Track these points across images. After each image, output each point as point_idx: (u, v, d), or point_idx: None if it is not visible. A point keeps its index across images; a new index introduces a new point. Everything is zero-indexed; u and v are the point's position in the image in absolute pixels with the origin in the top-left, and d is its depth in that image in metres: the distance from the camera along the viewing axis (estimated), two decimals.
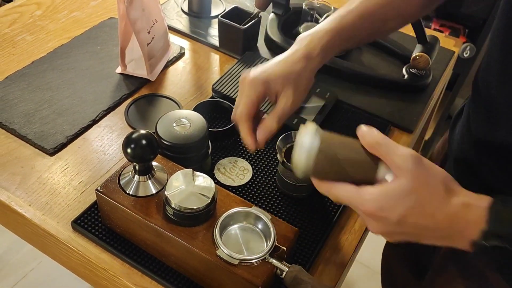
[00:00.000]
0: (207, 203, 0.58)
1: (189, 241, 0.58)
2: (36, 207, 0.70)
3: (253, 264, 0.56)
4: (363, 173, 0.50)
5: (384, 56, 1.04)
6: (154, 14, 0.91)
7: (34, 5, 1.09)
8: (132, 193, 0.62)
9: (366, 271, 1.62)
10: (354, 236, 0.71)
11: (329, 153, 0.50)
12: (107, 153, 0.79)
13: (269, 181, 0.76)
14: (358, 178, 0.50)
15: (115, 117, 0.85)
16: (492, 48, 0.58)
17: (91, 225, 0.68)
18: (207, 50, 1.03)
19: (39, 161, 0.77)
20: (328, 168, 0.50)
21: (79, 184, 0.74)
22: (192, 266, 0.60)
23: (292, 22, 1.06)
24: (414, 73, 0.97)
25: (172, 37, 1.03)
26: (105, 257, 0.65)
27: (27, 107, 0.84)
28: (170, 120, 0.72)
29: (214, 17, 1.10)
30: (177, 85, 0.93)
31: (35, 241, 0.73)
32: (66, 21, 1.06)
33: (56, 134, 0.80)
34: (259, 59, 0.95)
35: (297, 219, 0.71)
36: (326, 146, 0.50)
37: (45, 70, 0.92)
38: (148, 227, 0.60)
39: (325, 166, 0.50)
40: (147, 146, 0.59)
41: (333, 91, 0.90)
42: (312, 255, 0.67)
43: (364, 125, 0.51)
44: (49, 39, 1.00)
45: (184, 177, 0.61)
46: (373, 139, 0.49)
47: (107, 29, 1.04)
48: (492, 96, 0.58)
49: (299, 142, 0.50)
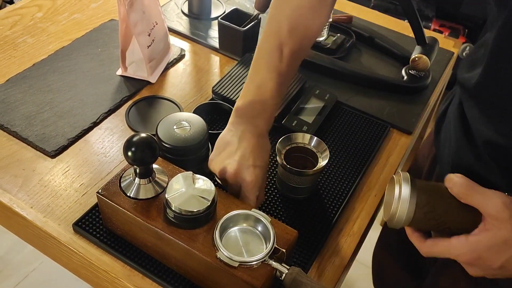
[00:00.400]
0: (207, 206, 0.59)
1: (189, 244, 0.58)
2: (37, 209, 0.71)
3: (253, 266, 0.56)
4: (459, 224, 0.52)
5: (383, 58, 1.04)
6: (155, 16, 0.91)
7: (35, 7, 1.09)
8: (133, 195, 0.62)
9: (366, 271, 1.62)
10: (353, 238, 0.72)
11: (427, 207, 0.51)
12: (108, 155, 0.80)
13: (268, 183, 0.77)
14: (455, 228, 0.52)
15: (116, 119, 0.86)
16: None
17: (92, 227, 0.68)
18: (207, 51, 1.03)
19: (40, 163, 0.77)
20: (426, 221, 0.52)
21: (80, 186, 0.74)
22: (192, 268, 0.61)
23: None
24: (413, 74, 0.97)
25: (172, 38, 1.04)
26: (106, 259, 0.66)
27: (28, 109, 0.85)
28: (170, 122, 0.72)
29: (214, 18, 1.11)
30: (177, 87, 0.94)
31: (36, 243, 0.74)
32: (67, 23, 1.06)
33: (57, 136, 0.81)
34: None
35: (296, 221, 0.72)
36: (425, 200, 0.52)
37: (46, 73, 0.93)
38: (148, 229, 0.61)
39: (423, 219, 0.52)
40: (148, 149, 0.59)
41: (332, 92, 0.90)
42: (311, 257, 0.67)
43: (453, 175, 0.52)
44: (50, 41, 1.01)
45: (184, 180, 0.61)
46: (464, 189, 0.51)
47: (107, 31, 1.04)
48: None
49: (399, 195, 0.51)
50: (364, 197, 0.78)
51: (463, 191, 0.51)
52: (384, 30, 1.12)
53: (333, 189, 0.77)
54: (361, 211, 0.76)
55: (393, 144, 0.87)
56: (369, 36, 1.06)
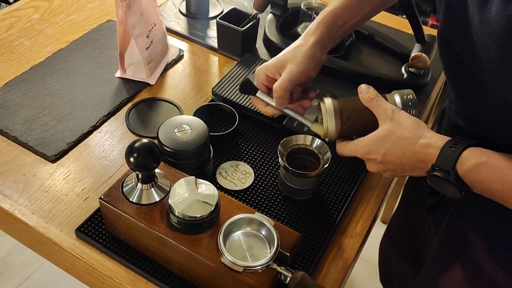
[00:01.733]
0: (210, 211, 0.58)
1: (193, 249, 0.58)
2: (39, 215, 0.71)
3: (258, 270, 0.57)
4: (372, 126, 0.61)
5: (383, 55, 1.04)
6: (153, 17, 0.91)
7: (32, 9, 1.08)
8: (135, 201, 0.62)
9: (368, 267, 1.63)
10: (356, 239, 0.72)
11: (349, 121, 0.63)
12: (108, 158, 0.79)
13: (271, 184, 0.76)
14: (370, 131, 0.61)
15: (116, 122, 0.85)
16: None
17: (95, 232, 0.68)
18: (206, 52, 1.03)
19: (41, 168, 0.77)
20: (350, 130, 0.63)
21: (82, 191, 0.74)
22: (196, 273, 0.61)
23: (290, 23, 1.06)
24: (413, 72, 0.97)
25: (170, 39, 1.03)
26: (110, 264, 0.65)
27: (28, 113, 0.84)
28: (171, 126, 0.72)
29: (212, 18, 1.10)
30: (176, 89, 0.93)
31: (39, 248, 0.74)
32: (64, 24, 1.05)
33: (57, 140, 0.80)
34: (258, 60, 0.95)
35: (299, 223, 0.72)
36: (346, 115, 0.63)
37: (44, 75, 0.92)
38: (152, 235, 0.61)
39: (347, 130, 0.63)
40: (150, 155, 0.59)
41: (332, 92, 0.90)
42: (315, 259, 0.67)
43: (363, 84, 0.64)
44: (48, 43, 1.00)
45: (187, 184, 0.61)
46: (368, 96, 0.62)
47: (105, 32, 1.04)
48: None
49: (328, 112, 0.63)
50: (366, 198, 0.78)
51: (365, 99, 0.62)
52: (383, 27, 1.11)
53: (335, 190, 0.77)
54: (364, 212, 0.76)
55: None
56: (369, 34, 1.06)
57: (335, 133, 0.63)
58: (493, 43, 0.50)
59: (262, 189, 0.76)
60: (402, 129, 0.59)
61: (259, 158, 0.80)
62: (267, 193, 0.75)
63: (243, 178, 0.76)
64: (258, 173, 0.78)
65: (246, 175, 0.77)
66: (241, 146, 0.82)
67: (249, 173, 0.77)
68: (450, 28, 0.60)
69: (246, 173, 0.77)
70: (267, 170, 0.79)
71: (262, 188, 0.76)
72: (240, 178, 0.76)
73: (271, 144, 0.83)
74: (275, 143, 0.83)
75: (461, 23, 0.56)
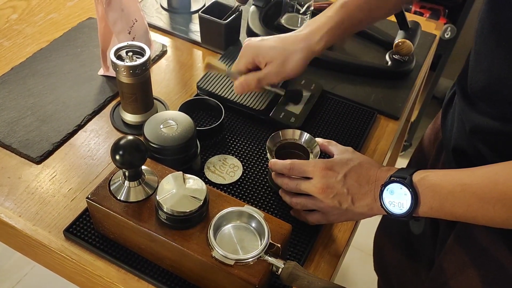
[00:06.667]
0: (199, 206, 0.58)
1: (183, 244, 0.58)
2: (26, 217, 0.70)
3: (249, 263, 0.56)
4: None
5: (367, 43, 1.04)
6: (134, 13, 0.89)
7: (10, 9, 1.06)
8: (123, 199, 0.61)
9: (360, 254, 1.64)
10: (346, 227, 0.72)
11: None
12: (95, 157, 0.78)
13: (260, 176, 0.76)
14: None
15: (101, 120, 0.84)
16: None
17: (83, 232, 0.67)
18: (189, 46, 1.02)
19: (26, 170, 0.76)
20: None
21: (69, 191, 0.73)
22: (188, 268, 0.61)
23: (273, 14, 1.06)
24: (397, 59, 0.97)
25: (153, 35, 1.02)
26: (100, 264, 0.65)
27: (10, 115, 0.83)
28: (157, 122, 0.71)
29: (195, 12, 1.09)
30: (161, 84, 0.92)
31: (28, 251, 0.73)
32: (43, 23, 1.04)
33: (41, 141, 0.79)
34: None
35: (289, 215, 0.72)
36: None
37: (25, 76, 0.90)
38: (141, 232, 0.60)
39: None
40: (136, 152, 0.58)
41: (318, 82, 0.90)
42: (306, 249, 0.68)
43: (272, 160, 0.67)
44: (27, 43, 0.98)
45: (175, 180, 0.60)
46: (282, 167, 0.66)
47: (86, 30, 1.02)
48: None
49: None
50: None
51: (283, 167, 0.66)
52: None
53: None
54: None
55: (381, 131, 0.87)
56: None
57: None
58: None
59: (251, 181, 0.75)
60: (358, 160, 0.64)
61: (247, 151, 0.80)
62: (256, 186, 0.75)
63: (231, 172, 0.76)
64: (246, 166, 0.78)
65: (235, 168, 0.77)
66: (228, 140, 0.81)
67: (238, 166, 0.77)
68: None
69: (234, 166, 0.77)
70: (256, 162, 0.78)
71: (251, 181, 0.76)
72: (229, 172, 0.76)
73: (258, 136, 0.82)
74: (262, 135, 0.82)
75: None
